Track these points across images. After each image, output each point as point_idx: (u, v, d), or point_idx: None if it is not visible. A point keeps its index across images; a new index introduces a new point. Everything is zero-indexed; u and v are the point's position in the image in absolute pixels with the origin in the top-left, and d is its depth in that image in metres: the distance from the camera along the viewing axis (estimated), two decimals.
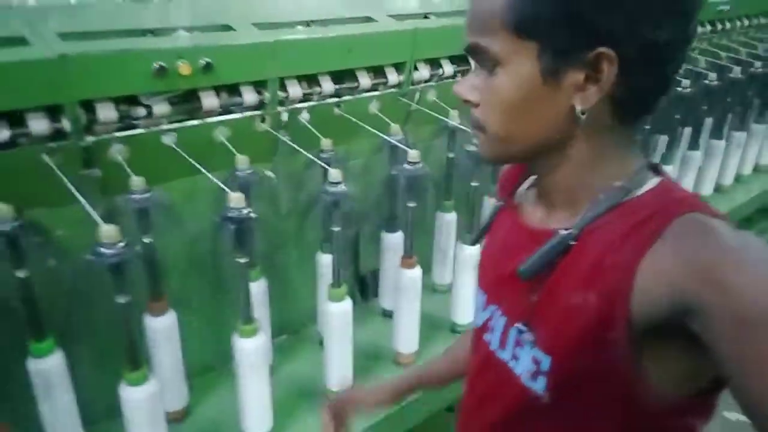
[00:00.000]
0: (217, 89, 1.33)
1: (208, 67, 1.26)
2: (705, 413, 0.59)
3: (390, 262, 1.69)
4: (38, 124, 1.11)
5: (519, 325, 0.64)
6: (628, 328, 0.54)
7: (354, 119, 1.52)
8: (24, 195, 1.09)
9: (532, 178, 0.71)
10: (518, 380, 0.64)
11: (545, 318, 0.62)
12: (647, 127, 1.95)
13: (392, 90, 1.63)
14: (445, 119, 1.64)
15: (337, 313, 1.39)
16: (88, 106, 1.16)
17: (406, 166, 1.39)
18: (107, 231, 0.96)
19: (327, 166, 1.34)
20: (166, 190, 1.31)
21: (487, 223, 0.77)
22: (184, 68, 1.23)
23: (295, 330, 1.75)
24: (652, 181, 0.60)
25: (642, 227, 0.55)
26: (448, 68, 1.72)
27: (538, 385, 0.62)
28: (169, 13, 1.54)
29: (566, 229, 0.59)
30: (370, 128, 1.51)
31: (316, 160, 1.39)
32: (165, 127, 1.28)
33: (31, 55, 1.09)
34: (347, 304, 1.40)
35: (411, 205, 1.46)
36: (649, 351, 0.55)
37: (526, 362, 0.63)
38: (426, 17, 1.79)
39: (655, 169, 0.62)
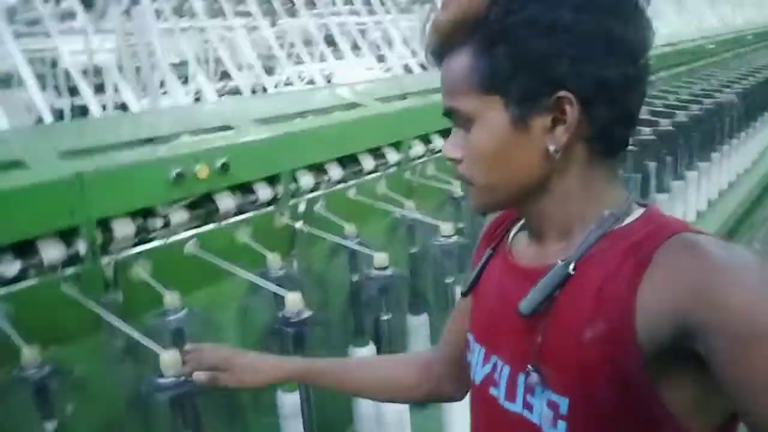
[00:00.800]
0: (232, 190, 1.27)
1: (224, 167, 1.20)
2: None
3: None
4: (52, 252, 1.00)
5: (526, 370, 0.61)
6: (639, 355, 0.54)
7: (369, 200, 1.48)
8: (45, 329, 0.97)
9: (521, 222, 0.72)
10: (538, 430, 0.61)
11: (554, 357, 0.60)
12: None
13: (393, 168, 1.62)
14: (449, 188, 1.63)
15: (393, 410, 1.27)
16: (104, 224, 1.07)
17: (439, 240, 1.34)
18: (169, 359, 0.84)
19: (365, 249, 1.28)
20: (189, 303, 1.20)
21: (478, 273, 0.74)
22: (202, 171, 1.16)
23: None
24: (639, 210, 0.62)
25: (634, 252, 0.56)
26: (439, 142, 1.74)
27: (559, 431, 0.59)
28: (164, 120, 1.49)
29: (563, 261, 0.60)
30: (388, 207, 1.47)
31: (350, 244, 1.31)
32: (184, 235, 1.19)
33: (37, 177, 1.00)
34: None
35: (449, 281, 1.38)
36: (667, 378, 0.55)
37: (542, 409, 0.61)
38: (404, 98, 1.83)
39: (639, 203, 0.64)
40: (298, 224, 1.37)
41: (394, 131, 1.61)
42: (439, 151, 1.74)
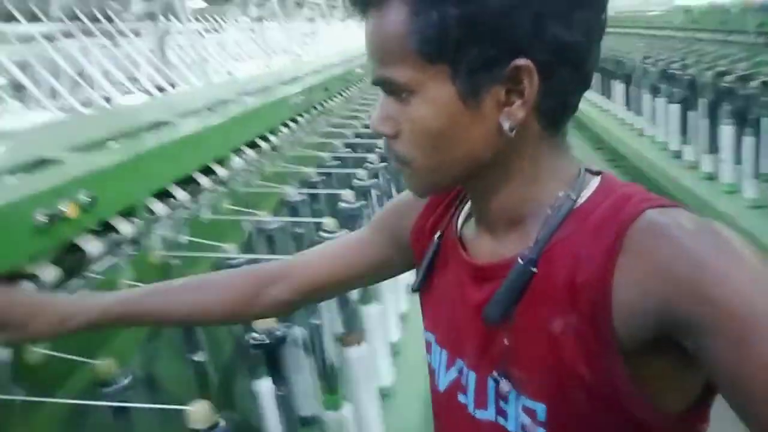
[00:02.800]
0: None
1: (92, 203, 0.99)
2: (706, 416, 0.55)
3: None
4: None
5: (495, 376, 0.56)
6: (618, 349, 0.50)
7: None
8: None
9: (468, 206, 0.65)
10: None
11: (525, 359, 0.54)
12: None
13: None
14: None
15: None
16: None
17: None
18: None
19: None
20: None
21: (429, 264, 0.66)
22: (71, 210, 0.94)
23: None
24: (594, 182, 0.56)
25: (599, 236, 0.51)
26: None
27: None
28: None
29: (522, 258, 0.54)
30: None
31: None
32: None
33: None
34: None
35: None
36: (647, 368, 0.51)
37: (519, 415, 0.55)
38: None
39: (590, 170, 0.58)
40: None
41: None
42: None
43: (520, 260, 0.54)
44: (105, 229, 1.07)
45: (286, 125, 2.08)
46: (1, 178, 1.01)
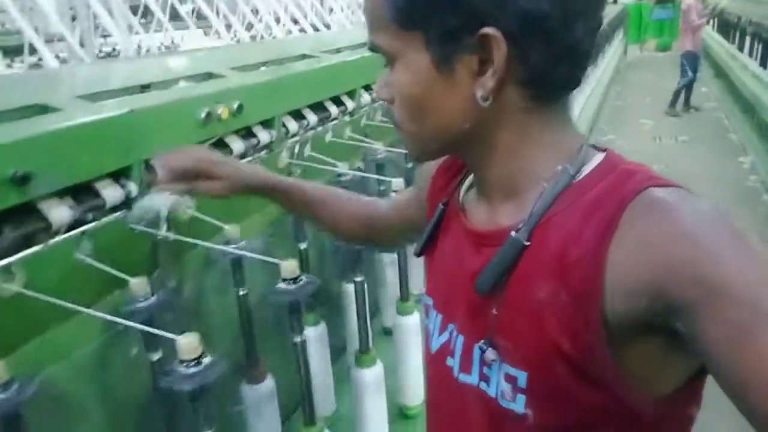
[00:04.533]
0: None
1: (239, 109, 1.25)
2: (698, 399, 0.55)
3: None
4: (111, 193, 1.00)
5: (480, 344, 0.57)
6: (603, 328, 0.49)
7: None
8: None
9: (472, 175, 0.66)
10: (495, 403, 0.57)
11: (511, 330, 0.55)
12: None
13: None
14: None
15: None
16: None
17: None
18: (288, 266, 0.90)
19: None
20: None
21: (432, 230, 0.67)
22: (224, 112, 1.21)
23: None
24: (597, 158, 0.55)
25: (596, 212, 0.50)
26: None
27: (518, 405, 0.55)
28: (157, 66, 1.45)
29: (516, 230, 0.54)
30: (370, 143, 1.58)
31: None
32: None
33: (75, 119, 0.98)
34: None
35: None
36: (633, 349, 0.50)
37: (499, 382, 0.56)
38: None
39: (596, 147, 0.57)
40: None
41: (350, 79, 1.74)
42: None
43: (512, 233, 0.54)
44: (247, 134, 1.34)
45: None
46: (178, 83, 1.32)
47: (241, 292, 1.16)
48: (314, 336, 1.41)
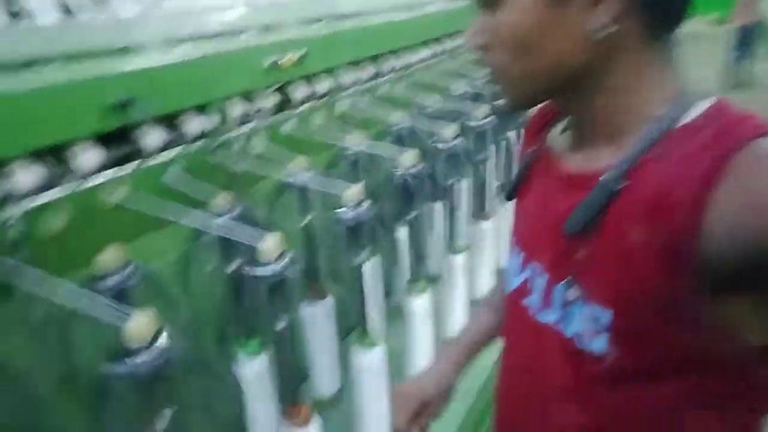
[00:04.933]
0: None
1: (302, 59, 1.35)
2: None
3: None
4: (193, 125, 1.12)
5: (564, 282, 0.57)
6: (697, 272, 0.48)
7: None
8: None
9: (565, 119, 0.66)
10: (571, 343, 0.57)
11: (599, 269, 0.55)
12: None
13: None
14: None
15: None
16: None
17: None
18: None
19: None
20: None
21: (521, 175, 0.69)
22: (287, 62, 1.31)
23: None
24: (703, 103, 0.53)
25: (700, 158, 0.48)
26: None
27: (598, 345, 0.55)
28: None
29: (612, 170, 0.53)
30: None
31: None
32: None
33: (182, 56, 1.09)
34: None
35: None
36: (724, 297, 0.49)
37: (580, 321, 0.56)
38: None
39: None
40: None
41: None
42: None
43: (607, 173, 0.53)
44: (308, 83, 1.45)
45: None
46: (246, 33, 1.43)
47: (305, 219, 1.29)
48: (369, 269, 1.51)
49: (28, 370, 0.90)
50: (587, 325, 0.56)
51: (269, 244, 0.85)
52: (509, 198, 0.71)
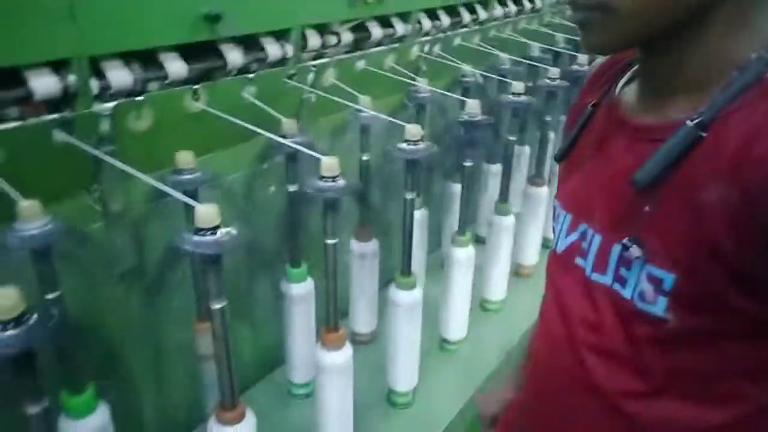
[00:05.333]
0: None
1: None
2: None
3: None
4: (273, 50, 1.16)
5: (624, 241, 0.54)
6: None
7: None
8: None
9: (631, 71, 0.63)
10: (630, 304, 0.55)
11: (665, 228, 0.52)
12: None
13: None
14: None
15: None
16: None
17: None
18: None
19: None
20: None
21: (577, 133, 0.66)
22: None
23: None
24: None
25: None
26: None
27: (658, 307, 0.52)
28: None
29: (692, 119, 0.49)
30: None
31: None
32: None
33: None
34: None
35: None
36: None
37: (639, 283, 0.54)
38: None
39: None
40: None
41: None
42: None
43: (688, 121, 0.49)
44: (384, 25, 1.46)
45: None
46: None
47: (365, 157, 1.33)
48: (419, 218, 1.55)
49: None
50: (646, 288, 0.53)
51: (330, 162, 0.90)
52: (561, 159, 0.68)
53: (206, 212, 0.75)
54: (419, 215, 1.55)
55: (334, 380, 1.12)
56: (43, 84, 0.84)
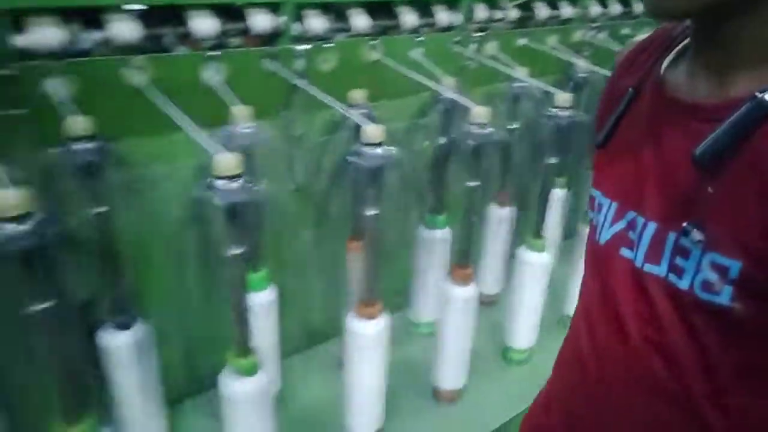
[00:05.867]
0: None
1: None
2: None
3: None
4: (443, 16, 1.30)
5: (685, 225, 0.50)
6: None
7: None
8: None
9: (676, 50, 0.60)
10: (688, 295, 0.51)
11: (730, 211, 0.48)
12: None
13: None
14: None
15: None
16: None
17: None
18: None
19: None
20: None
21: (618, 118, 0.63)
22: None
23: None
24: None
25: None
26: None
27: (722, 297, 0.49)
28: None
29: (762, 90, 0.46)
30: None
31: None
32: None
33: None
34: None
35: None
36: None
37: (700, 272, 0.51)
38: None
39: None
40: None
41: None
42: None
43: (758, 93, 0.46)
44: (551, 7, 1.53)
45: None
46: None
47: (513, 125, 1.43)
48: (559, 196, 1.60)
49: None
50: (708, 277, 0.50)
51: (480, 110, 1.05)
52: (603, 144, 0.63)
53: (374, 130, 0.93)
54: (560, 194, 1.60)
55: (459, 315, 1.24)
56: (260, 21, 1.07)
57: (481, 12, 1.38)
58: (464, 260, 1.22)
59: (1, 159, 0.73)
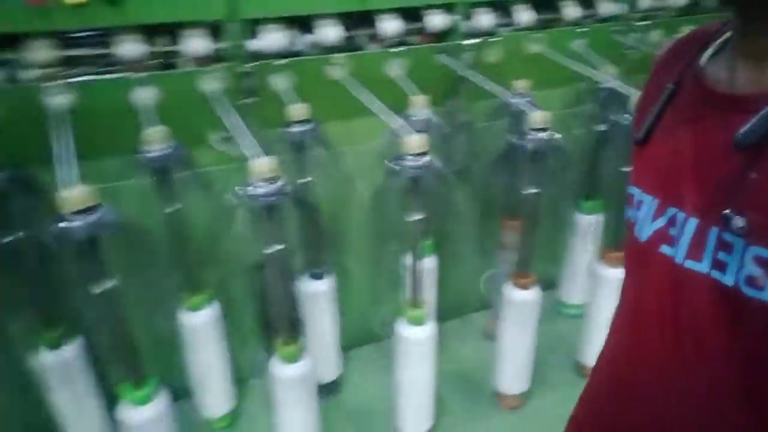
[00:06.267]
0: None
1: None
2: None
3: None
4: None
5: (726, 213, 0.49)
6: None
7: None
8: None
9: (716, 44, 0.59)
10: (734, 291, 0.50)
11: None
12: None
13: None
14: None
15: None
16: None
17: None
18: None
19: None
20: None
21: (658, 113, 0.62)
22: None
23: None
24: None
25: None
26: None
27: (766, 294, 0.48)
28: None
29: None
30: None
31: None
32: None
33: None
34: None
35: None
36: None
37: (744, 267, 0.49)
38: None
39: None
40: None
41: None
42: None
43: None
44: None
45: None
46: None
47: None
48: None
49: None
50: (756, 270, 0.48)
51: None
52: (643, 141, 0.63)
53: (540, 116, 1.04)
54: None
55: (610, 295, 1.29)
56: (436, 20, 1.22)
57: (645, 1, 1.41)
58: (616, 243, 1.29)
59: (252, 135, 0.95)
